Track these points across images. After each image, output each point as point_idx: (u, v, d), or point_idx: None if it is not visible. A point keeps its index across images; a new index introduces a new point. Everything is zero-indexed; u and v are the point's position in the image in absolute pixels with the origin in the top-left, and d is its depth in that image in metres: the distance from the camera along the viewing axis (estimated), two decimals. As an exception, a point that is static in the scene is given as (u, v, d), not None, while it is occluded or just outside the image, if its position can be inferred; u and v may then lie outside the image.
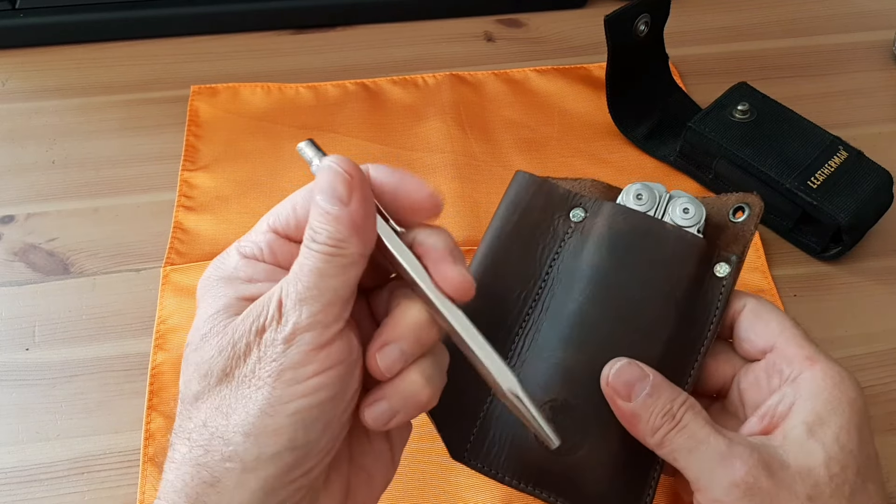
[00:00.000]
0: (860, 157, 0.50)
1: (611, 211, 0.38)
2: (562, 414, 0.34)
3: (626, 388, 0.32)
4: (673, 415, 0.32)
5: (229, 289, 0.28)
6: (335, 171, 0.27)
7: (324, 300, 0.26)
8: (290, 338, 0.25)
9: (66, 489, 0.40)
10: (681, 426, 0.31)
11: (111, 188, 0.54)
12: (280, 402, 0.25)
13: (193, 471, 0.25)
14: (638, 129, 0.56)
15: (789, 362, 0.33)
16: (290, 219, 0.29)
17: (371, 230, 0.27)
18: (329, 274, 0.26)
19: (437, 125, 0.57)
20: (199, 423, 0.26)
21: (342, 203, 0.26)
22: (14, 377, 0.44)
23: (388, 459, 0.30)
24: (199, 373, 0.26)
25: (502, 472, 0.35)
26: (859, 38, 0.65)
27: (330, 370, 0.26)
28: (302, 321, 0.25)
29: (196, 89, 0.59)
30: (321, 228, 0.26)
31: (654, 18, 0.54)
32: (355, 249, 0.26)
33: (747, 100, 0.52)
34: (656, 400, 0.32)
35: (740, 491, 0.29)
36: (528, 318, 0.37)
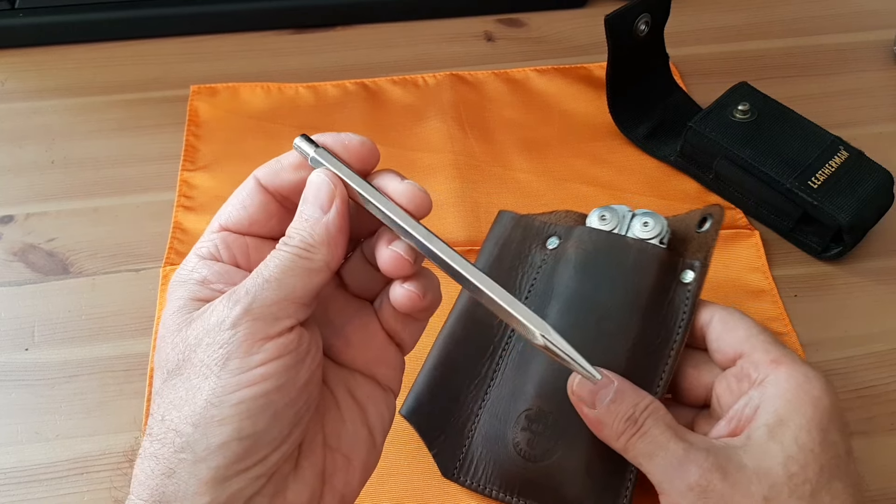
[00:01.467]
0: (861, 157, 0.50)
1: (579, 233, 0.41)
2: (536, 422, 0.37)
3: (590, 395, 0.34)
4: (635, 420, 0.33)
5: (183, 290, 0.28)
6: (321, 181, 0.28)
7: (279, 294, 0.26)
8: (237, 321, 0.26)
9: (65, 489, 0.40)
10: (642, 432, 0.33)
11: (111, 188, 0.54)
12: (225, 391, 0.25)
13: (153, 463, 0.26)
14: (638, 129, 0.56)
15: (756, 367, 0.34)
16: (241, 216, 0.30)
17: (342, 245, 0.28)
18: (292, 273, 0.27)
19: (438, 125, 0.57)
20: (158, 417, 0.26)
21: (322, 211, 0.28)
22: (13, 377, 0.44)
23: (367, 443, 0.30)
24: (159, 370, 0.27)
25: (489, 487, 0.38)
26: (860, 38, 0.64)
27: (276, 360, 0.26)
28: (253, 307, 0.26)
29: (196, 89, 0.59)
30: (295, 232, 0.28)
31: (654, 18, 0.54)
32: (322, 257, 0.27)
33: (748, 100, 0.52)
34: (619, 406, 0.33)
35: (695, 494, 0.30)
36: (510, 340, 0.40)
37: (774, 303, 0.48)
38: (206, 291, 0.28)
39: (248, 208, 0.30)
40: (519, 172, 0.54)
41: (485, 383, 0.40)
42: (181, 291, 0.28)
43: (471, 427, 0.39)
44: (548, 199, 0.53)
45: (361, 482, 0.30)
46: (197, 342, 0.26)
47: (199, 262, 0.29)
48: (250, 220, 0.30)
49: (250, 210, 0.30)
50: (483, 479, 0.38)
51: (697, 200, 0.53)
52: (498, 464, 0.38)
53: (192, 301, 0.28)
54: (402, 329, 0.31)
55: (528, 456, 0.37)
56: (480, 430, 0.39)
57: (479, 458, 0.38)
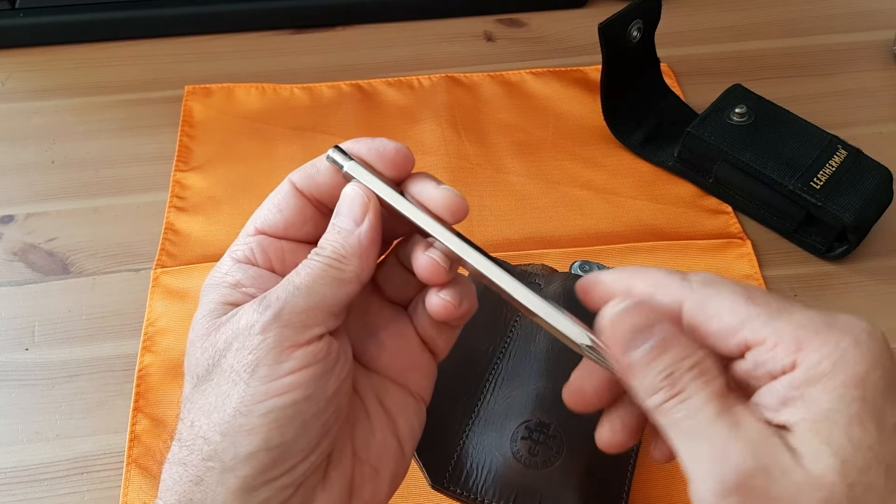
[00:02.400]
0: (859, 155, 0.50)
1: (564, 277, 0.44)
2: (537, 432, 0.38)
3: (627, 339, 0.26)
4: (675, 380, 0.25)
5: (215, 294, 0.28)
6: (354, 194, 0.28)
7: (309, 302, 0.26)
8: (267, 326, 0.26)
9: (65, 489, 0.40)
10: (681, 397, 0.25)
11: (111, 188, 0.54)
12: (253, 400, 0.25)
13: (182, 469, 0.26)
14: (634, 136, 0.56)
15: (771, 357, 0.25)
16: (276, 219, 0.29)
17: (373, 257, 0.28)
18: (322, 283, 0.27)
19: (432, 127, 0.57)
20: (188, 423, 0.26)
21: (355, 223, 0.28)
22: (13, 377, 0.44)
23: (396, 454, 0.30)
24: (189, 375, 0.27)
25: (482, 496, 0.37)
26: (859, 38, 0.64)
27: (305, 369, 0.26)
28: (283, 314, 0.26)
29: (190, 89, 0.59)
30: (328, 243, 0.28)
31: (646, 23, 0.54)
32: (353, 268, 0.27)
33: (744, 102, 0.52)
34: (660, 356, 0.25)
35: (729, 500, 0.24)
36: (497, 365, 0.41)
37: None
38: (238, 295, 0.28)
39: (284, 212, 0.29)
40: (512, 175, 0.54)
41: (476, 397, 0.40)
42: (213, 294, 0.28)
43: (462, 438, 0.39)
44: (541, 202, 0.53)
45: (389, 494, 0.30)
46: (227, 346, 0.26)
47: (234, 266, 0.29)
48: (286, 224, 0.29)
49: (286, 213, 0.29)
50: (475, 489, 0.38)
51: (692, 204, 0.53)
52: (493, 472, 0.38)
53: (223, 305, 0.28)
54: (437, 335, 0.31)
55: (529, 463, 0.37)
56: (472, 440, 0.39)
57: (471, 468, 0.38)
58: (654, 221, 0.52)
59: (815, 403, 0.23)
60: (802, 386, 0.23)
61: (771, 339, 0.24)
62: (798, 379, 0.23)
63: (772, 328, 0.24)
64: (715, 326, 0.25)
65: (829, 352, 0.23)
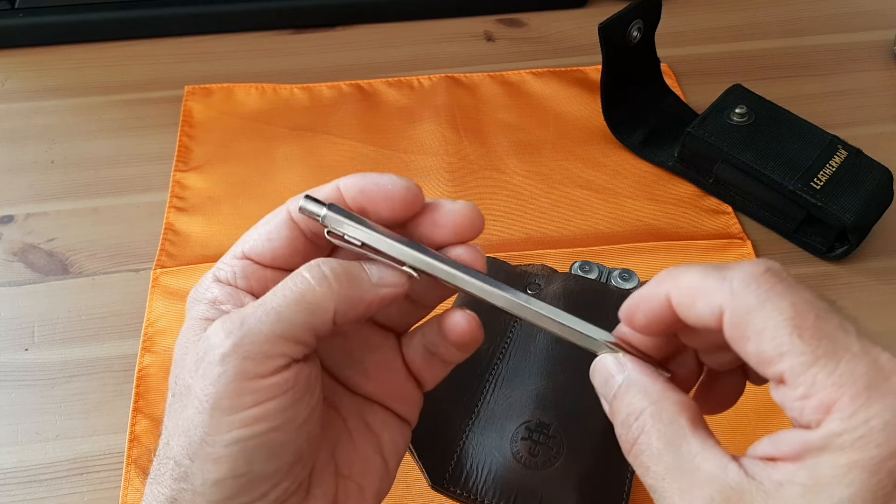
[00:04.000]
0: (859, 155, 0.50)
1: (564, 277, 0.44)
2: (537, 432, 0.38)
3: (603, 386, 0.27)
4: (629, 426, 0.24)
5: (196, 310, 0.27)
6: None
7: (276, 329, 0.24)
8: (225, 357, 0.24)
9: (65, 489, 0.40)
10: (638, 449, 0.24)
11: (110, 188, 0.54)
12: (217, 431, 0.24)
13: (158, 488, 0.25)
14: (634, 136, 0.56)
15: (799, 407, 0.22)
16: (265, 248, 0.28)
17: (360, 304, 0.26)
18: (297, 307, 0.25)
19: (432, 127, 0.57)
20: (164, 440, 0.26)
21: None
22: (13, 377, 0.44)
23: (380, 470, 0.29)
24: (170, 388, 0.27)
25: (482, 497, 0.37)
26: (859, 38, 0.64)
27: (269, 401, 0.24)
28: (244, 343, 0.24)
29: (190, 89, 0.59)
30: (324, 263, 0.26)
31: (646, 24, 0.54)
32: (334, 299, 0.25)
33: (744, 102, 0.52)
34: (620, 402, 0.25)
35: None
36: (497, 365, 0.41)
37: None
38: (215, 312, 0.27)
39: (274, 241, 0.28)
40: (513, 175, 0.54)
41: (476, 397, 0.40)
42: (195, 310, 0.27)
43: (462, 438, 0.39)
44: (541, 202, 0.53)
45: None
46: (195, 368, 0.25)
47: (214, 284, 0.28)
48: (273, 255, 0.28)
49: (275, 244, 0.28)
50: (475, 489, 0.38)
51: (692, 204, 0.53)
52: (493, 472, 0.38)
53: (203, 321, 0.27)
54: (426, 368, 0.30)
55: (529, 464, 0.37)
56: (472, 440, 0.39)
57: (471, 468, 0.38)
58: (655, 222, 0.52)
59: (818, 471, 0.21)
60: (815, 451, 0.21)
61: (804, 388, 0.21)
62: (814, 443, 0.21)
63: (810, 376, 0.21)
64: (752, 349, 0.22)
65: (855, 426, 0.20)
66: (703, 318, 0.23)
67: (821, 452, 0.21)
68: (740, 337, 0.22)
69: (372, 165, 0.54)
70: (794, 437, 0.22)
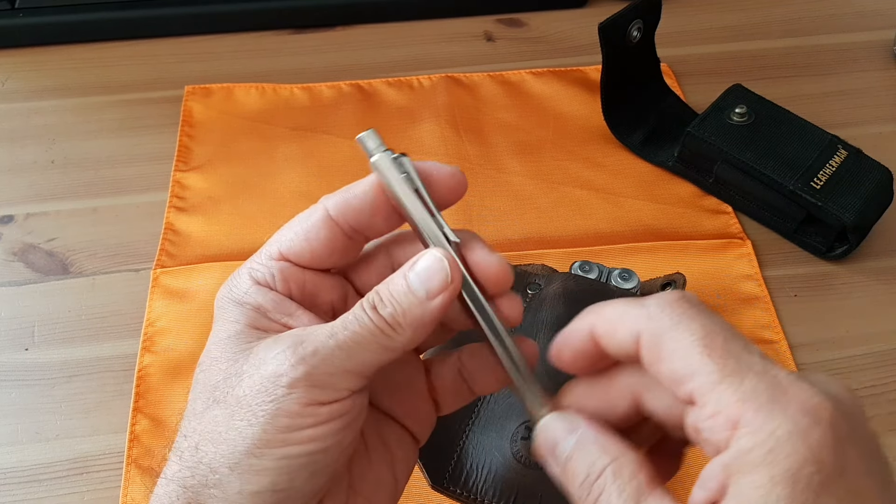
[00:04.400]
0: (859, 154, 0.50)
1: (564, 277, 0.44)
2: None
3: (549, 449, 0.26)
4: (589, 485, 0.24)
5: (240, 315, 0.27)
6: (441, 264, 0.26)
7: (347, 365, 0.25)
8: (295, 382, 0.24)
9: (65, 489, 0.40)
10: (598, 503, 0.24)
11: (110, 188, 0.54)
12: (269, 445, 0.24)
13: (180, 490, 0.25)
14: (634, 136, 0.56)
15: (710, 426, 0.22)
16: (303, 248, 0.27)
17: (429, 333, 0.26)
18: (366, 348, 0.25)
19: (432, 127, 0.57)
20: (192, 444, 0.26)
21: (427, 295, 0.25)
22: (13, 377, 0.44)
23: (390, 487, 0.29)
24: (203, 394, 0.26)
25: (482, 496, 0.37)
26: (859, 38, 0.64)
27: (327, 424, 0.25)
28: (315, 373, 0.24)
29: (190, 89, 0.59)
30: (388, 301, 0.25)
31: (646, 23, 0.54)
32: (403, 341, 0.25)
33: (744, 102, 0.52)
34: (575, 464, 0.25)
35: None
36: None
37: (767, 310, 0.47)
38: (265, 321, 0.27)
39: (312, 242, 0.27)
40: (513, 175, 0.54)
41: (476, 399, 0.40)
42: (236, 314, 0.27)
43: (462, 438, 0.39)
44: (541, 202, 0.53)
45: None
46: (250, 381, 0.25)
47: (254, 287, 0.27)
48: (312, 255, 0.27)
49: (313, 244, 0.27)
50: (475, 489, 0.38)
51: (692, 204, 0.53)
52: (493, 473, 0.38)
53: (251, 329, 0.27)
54: (451, 393, 0.29)
55: (529, 463, 0.37)
56: (472, 440, 0.39)
57: (470, 469, 0.38)
58: (655, 221, 0.52)
59: (743, 497, 0.21)
60: (734, 474, 0.21)
61: (711, 405, 0.22)
62: (729, 465, 0.21)
63: (717, 394, 0.22)
64: (665, 369, 0.23)
65: (763, 439, 0.21)
66: (624, 345, 0.24)
67: (739, 475, 0.21)
68: (655, 359, 0.23)
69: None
70: (712, 468, 0.22)
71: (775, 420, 0.21)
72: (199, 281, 0.48)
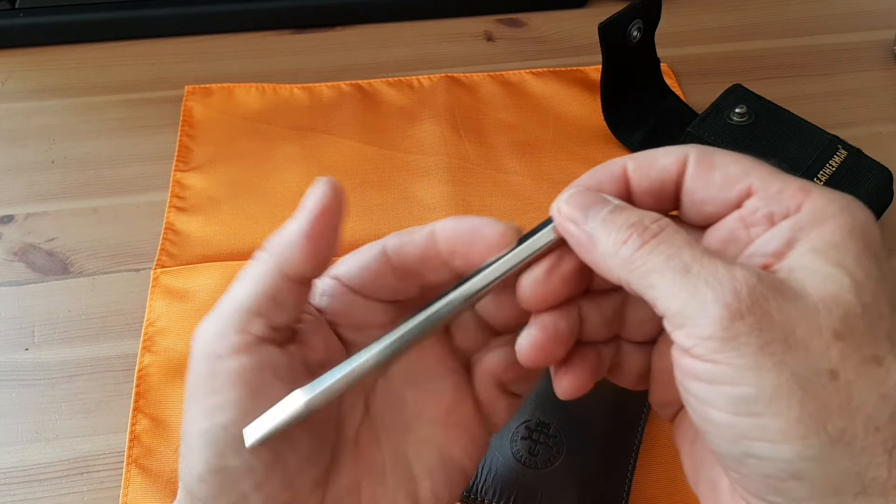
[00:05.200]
0: (859, 154, 0.50)
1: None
2: (537, 432, 0.38)
3: (580, 209, 0.25)
4: (645, 226, 0.23)
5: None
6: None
7: (232, 306, 0.25)
8: (194, 339, 0.25)
9: (65, 489, 0.40)
10: (660, 239, 0.22)
11: (111, 188, 0.54)
12: (189, 422, 0.24)
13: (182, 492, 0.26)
14: (634, 136, 0.56)
15: (777, 200, 0.23)
16: (353, 274, 0.28)
17: (309, 251, 0.25)
18: (259, 279, 0.25)
19: (432, 127, 0.57)
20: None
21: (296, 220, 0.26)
22: (13, 377, 0.44)
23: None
24: None
25: (482, 496, 0.37)
26: (859, 38, 0.64)
27: (228, 390, 0.24)
28: (211, 322, 0.25)
29: (190, 89, 0.59)
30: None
31: (646, 23, 0.54)
32: (276, 260, 0.25)
33: (744, 102, 0.52)
34: (620, 214, 0.24)
35: (742, 323, 0.20)
36: None
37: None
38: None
39: (363, 270, 0.28)
40: (513, 175, 0.54)
41: None
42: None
43: None
44: (541, 202, 0.53)
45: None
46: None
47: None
48: (361, 282, 0.28)
49: (363, 272, 0.28)
50: (476, 488, 0.38)
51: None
52: (493, 472, 0.38)
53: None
54: (496, 399, 0.28)
55: (529, 463, 0.37)
56: None
57: None
58: (655, 221, 0.52)
59: (824, 237, 0.22)
60: (808, 226, 0.22)
61: (776, 186, 0.23)
62: (805, 219, 0.22)
63: (778, 179, 0.23)
64: (719, 174, 0.24)
65: (837, 199, 0.23)
66: (666, 168, 0.25)
67: (816, 225, 0.22)
68: (707, 168, 0.24)
69: (372, 165, 0.54)
70: (776, 233, 0.23)
71: (836, 193, 0.23)
72: (200, 281, 0.48)
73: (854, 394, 0.20)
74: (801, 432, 0.20)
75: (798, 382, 0.20)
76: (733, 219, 0.24)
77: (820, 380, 0.20)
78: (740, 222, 0.24)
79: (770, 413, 0.20)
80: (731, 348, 0.20)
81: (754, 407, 0.20)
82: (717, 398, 0.21)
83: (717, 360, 0.20)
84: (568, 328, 0.26)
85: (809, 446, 0.20)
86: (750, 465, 0.21)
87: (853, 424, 0.20)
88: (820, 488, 0.20)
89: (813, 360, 0.20)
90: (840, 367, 0.20)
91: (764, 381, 0.20)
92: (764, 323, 0.20)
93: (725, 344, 0.20)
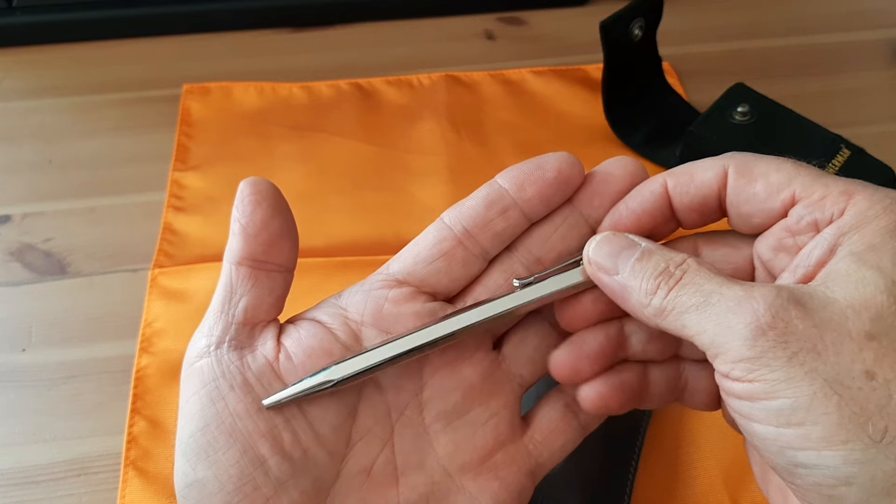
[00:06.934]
0: (862, 154, 0.50)
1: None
2: None
3: (610, 258, 0.26)
4: (671, 273, 0.24)
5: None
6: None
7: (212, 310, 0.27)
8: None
9: (63, 491, 0.40)
10: (683, 282, 0.24)
11: (108, 188, 0.53)
12: (178, 433, 0.25)
13: None
14: (636, 135, 0.56)
15: (821, 206, 0.24)
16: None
17: (259, 241, 0.28)
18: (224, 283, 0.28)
19: (432, 127, 0.56)
20: None
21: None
22: (10, 378, 0.44)
23: None
24: None
25: None
26: (863, 37, 0.64)
27: (192, 397, 0.24)
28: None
29: (188, 88, 0.59)
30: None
31: (647, 21, 0.53)
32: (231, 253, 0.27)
33: (746, 101, 0.52)
34: (647, 262, 0.25)
35: (767, 339, 0.21)
36: None
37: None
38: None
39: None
40: (515, 174, 0.54)
41: None
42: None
43: None
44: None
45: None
46: None
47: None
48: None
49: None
50: None
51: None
52: None
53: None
54: (559, 431, 0.30)
55: None
56: None
57: None
58: (656, 221, 0.52)
59: (864, 240, 0.22)
60: (851, 230, 0.23)
61: (819, 191, 0.24)
62: (847, 224, 0.23)
63: (821, 183, 0.24)
64: (761, 184, 0.25)
65: (880, 198, 0.23)
66: (706, 183, 0.26)
67: (857, 229, 0.23)
68: (748, 179, 0.25)
69: (372, 164, 0.54)
70: (820, 240, 0.23)
71: (880, 192, 0.23)
72: (198, 281, 0.48)
73: (893, 392, 0.20)
74: (843, 437, 0.20)
75: (832, 388, 0.20)
76: (780, 228, 0.25)
77: (856, 382, 0.20)
78: (787, 231, 0.25)
79: (810, 421, 0.20)
80: (761, 365, 0.21)
81: (794, 417, 0.20)
82: (759, 413, 0.21)
83: (752, 378, 0.21)
84: (598, 346, 0.26)
85: (853, 450, 0.20)
86: (801, 475, 0.21)
87: (895, 423, 0.20)
88: (871, 491, 0.20)
89: (845, 364, 0.20)
90: (876, 367, 0.20)
91: (799, 390, 0.20)
92: (788, 335, 0.21)
93: (755, 362, 0.21)
